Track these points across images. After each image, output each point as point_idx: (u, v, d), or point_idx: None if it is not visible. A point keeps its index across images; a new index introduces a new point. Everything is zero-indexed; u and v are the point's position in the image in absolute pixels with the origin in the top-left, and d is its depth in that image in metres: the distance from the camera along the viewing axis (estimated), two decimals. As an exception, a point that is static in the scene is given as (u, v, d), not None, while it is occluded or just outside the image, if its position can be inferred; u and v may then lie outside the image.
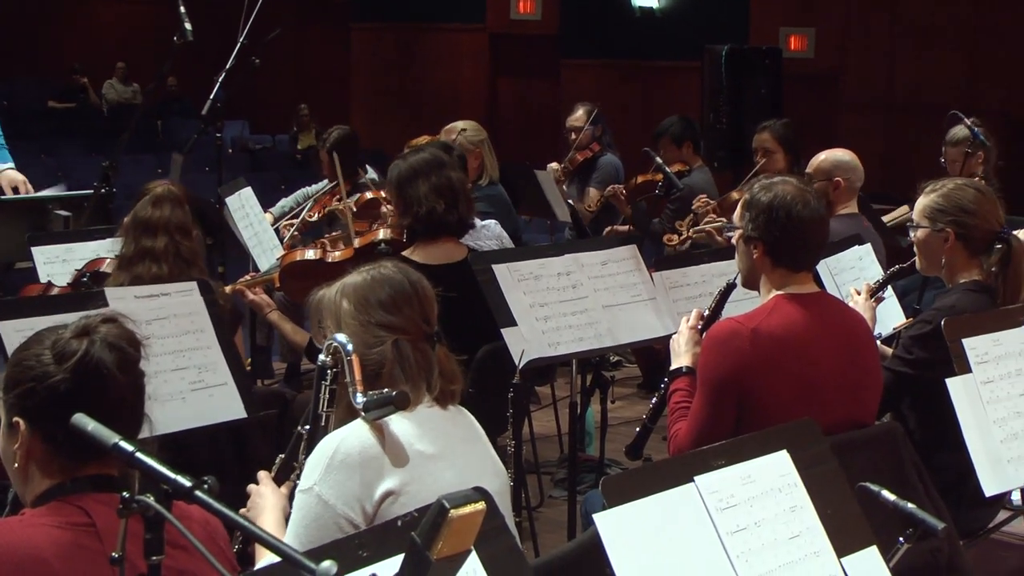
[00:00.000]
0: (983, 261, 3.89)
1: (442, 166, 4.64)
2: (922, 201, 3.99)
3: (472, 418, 2.93)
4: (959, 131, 6.74)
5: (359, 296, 2.82)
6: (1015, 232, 3.96)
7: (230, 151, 14.73)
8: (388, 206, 5.91)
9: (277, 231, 6.57)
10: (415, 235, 4.57)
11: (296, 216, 6.71)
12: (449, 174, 4.62)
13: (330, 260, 5.40)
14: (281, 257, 5.74)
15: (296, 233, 6.45)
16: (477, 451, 2.87)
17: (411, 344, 2.80)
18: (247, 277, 5.64)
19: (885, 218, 6.73)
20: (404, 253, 4.49)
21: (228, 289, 5.22)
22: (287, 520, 2.72)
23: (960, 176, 6.43)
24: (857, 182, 5.61)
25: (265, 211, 6.82)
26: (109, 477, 2.27)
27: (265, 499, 2.84)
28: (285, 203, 7.19)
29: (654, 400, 3.94)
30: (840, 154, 5.66)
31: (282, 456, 2.95)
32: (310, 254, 5.51)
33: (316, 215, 6.57)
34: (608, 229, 7.58)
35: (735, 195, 6.63)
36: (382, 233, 5.22)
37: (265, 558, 2.60)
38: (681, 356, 3.68)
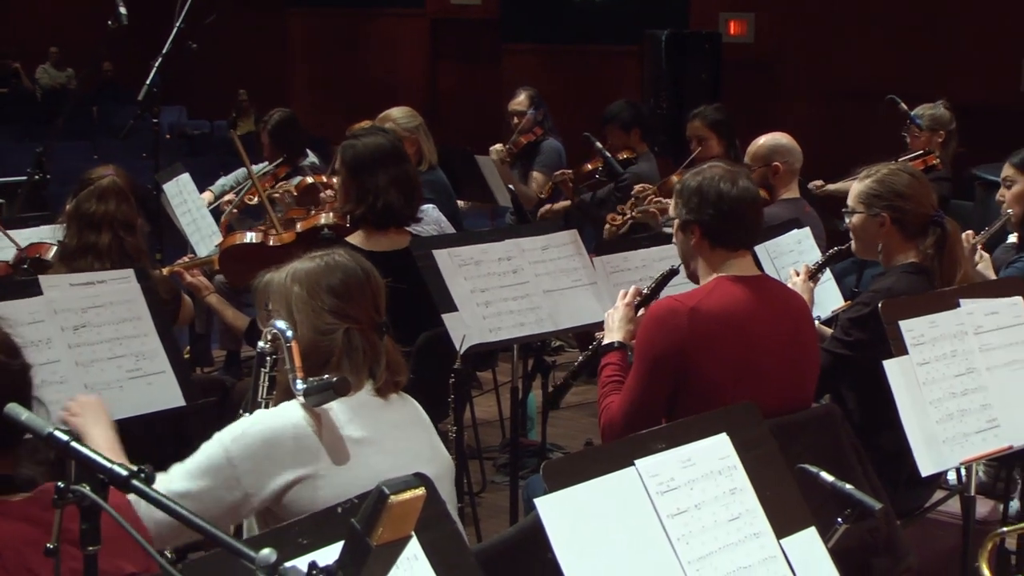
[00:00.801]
0: (919, 244, 3.94)
1: (401, 157, 4.62)
2: (857, 187, 4.02)
3: (415, 405, 2.93)
4: (925, 108, 6.83)
5: (311, 281, 2.80)
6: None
7: (167, 137, 14.56)
8: (328, 191, 5.88)
9: (217, 210, 6.51)
10: (361, 222, 4.54)
11: (238, 194, 6.67)
12: (407, 166, 4.62)
13: (271, 244, 5.36)
14: (221, 241, 5.70)
15: (235, 211, 6.40)
16: (414, 437, 2.86)
17: (361, 334, 2.79)
18: (185, 259, 5.58)
19: (832, 187, 6.83)
20: (348, 239, 4.47)
21: (166, 271, 5.18)
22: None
23: (920, 152, 6.53)
24: (796, 164, 5.64)
25: (204, 191, 6.77)
26: (7, 477, 2.22)
27: (89, 409, 2.87)
28: (225, 181, 7.14)
29: (580, 359, 3.98)
30: (777, 138, 5.68)
31: None
32: (251, 237, 5.47)
33: (255, 198, 6.52)
34: (544, 208, 7.59)
35: (675, 178, 6.66)
36: (324, 218, 5.19)
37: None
38: (614, 331, 3.70)
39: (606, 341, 3.71)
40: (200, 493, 2.62)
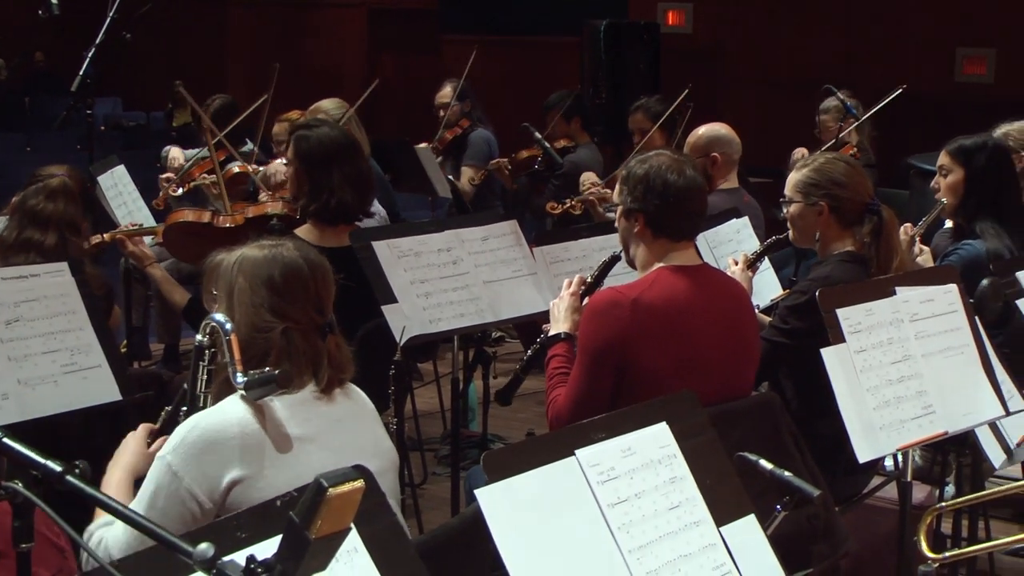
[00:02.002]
0: (856, 232, 3.97)
1: (355, 152, 4.58)
2: (794, 176, 4.05)
3: (361, 397, 2.88)
4: (830, 101, 6.91)
5: (254, 275, 2.73)
6: None
7: (102, 128, 14.38)
8: (280, 186, 5.82)
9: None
10: (312, 216, 4.50)
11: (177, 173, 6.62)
12: (361, 162, 4.59)
13: (219, 224, 5.29)
14: (168, 216, 5.62)
15: (175, 187, 6.35)
16: (357, 431, 2.82)
17: (300, 334, 2.73)
18: (127, 226, 5.49)
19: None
20: (298, 231, 4.42)
21: (107, 236, 5.11)
22: (136, 481, 2.69)
23: (833, 141, 6.60)
24: (735, 155, 5.68)
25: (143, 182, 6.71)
26: None
27: (121, 454, 2.82)
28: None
29: (528, 353, 3.98)
30: (715, 128, 5.71)
31: (167, 409, 2.92)
32: (199, 216, 5.40)
33: (198, 178, 6.47)
34: (497, 163, 7.55)
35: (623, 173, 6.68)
36: (273, 207, 5.15)
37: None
38: (560, 322, 3.70)
39: (552, 332, 3.71)
40: (161, 519, 2.53)
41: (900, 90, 6.63)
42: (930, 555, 3.15)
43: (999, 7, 11.33)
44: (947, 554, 3.16)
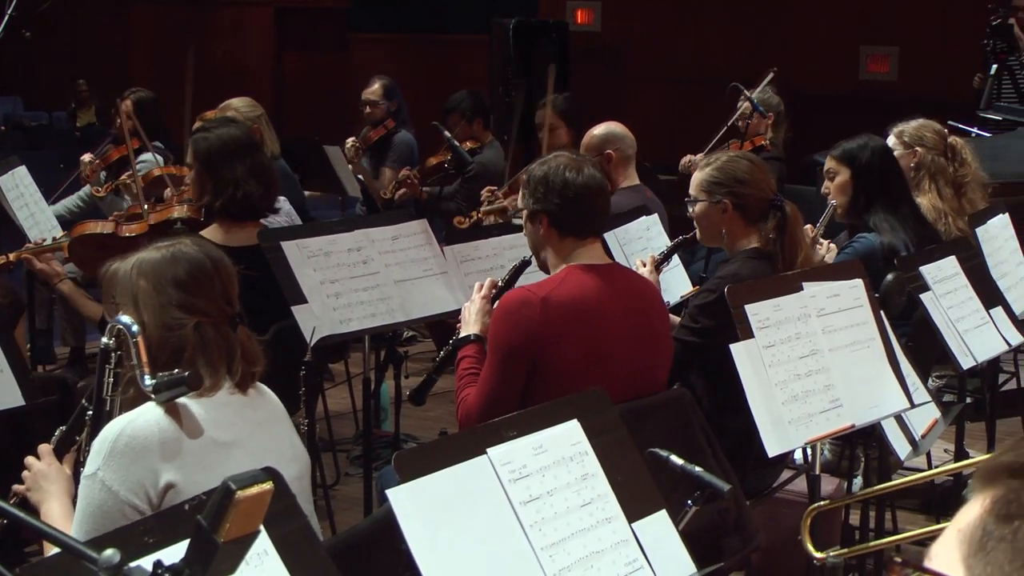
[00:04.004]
0: (761, 228, 4.02)
1: (256, 146, 4.56)
2: (697, 176, 4.09)
3: (274, 399, 2.85)
4: (769, 97, 7.01)
5: (157, 275, 2.69)
6: None
7: (2, 128, 14.12)
8: (170, 188, 5.77)
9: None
10: (217, 215, 4.45)
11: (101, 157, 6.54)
12: (262, 156, 4.55)
13: (123, 234, 5.25)
14: (71, 229, 5.55)
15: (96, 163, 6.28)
16: (276, 435, 2.79)
17: (212, 327, 2.70)
18: (32, 244, 5.41)
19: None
20: (203, 233, 4.37)
21: (13, 256, 5.03)
22: (75, 502, 2.62)
23: (747, 137, 6.68)
24: (629, 151, 5.72)
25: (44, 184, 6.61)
26: None
27: (50, 482, 2.72)
28: (68, 202, 6.98)
29: (441, 354, 3.97)
30: (611, 127, 5.76)
31: (62, 429, 2.84)
32: (102, 227, 5.37)
33: (104, 188, 6.39)
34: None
35: (524, 176, 6.71)
36: (177, 211, 5.10)
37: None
38: (471, 324, 3.70)
39: (463, 334, 3.72)
40: (102, 532, 2.43)
41: (771, 75, 6.91)
42: (815, 553, 3.18)
43: (902, 6, 11.55)
44: (831, 552, 3.19)
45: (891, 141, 5.30)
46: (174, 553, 1.77)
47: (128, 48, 16.67)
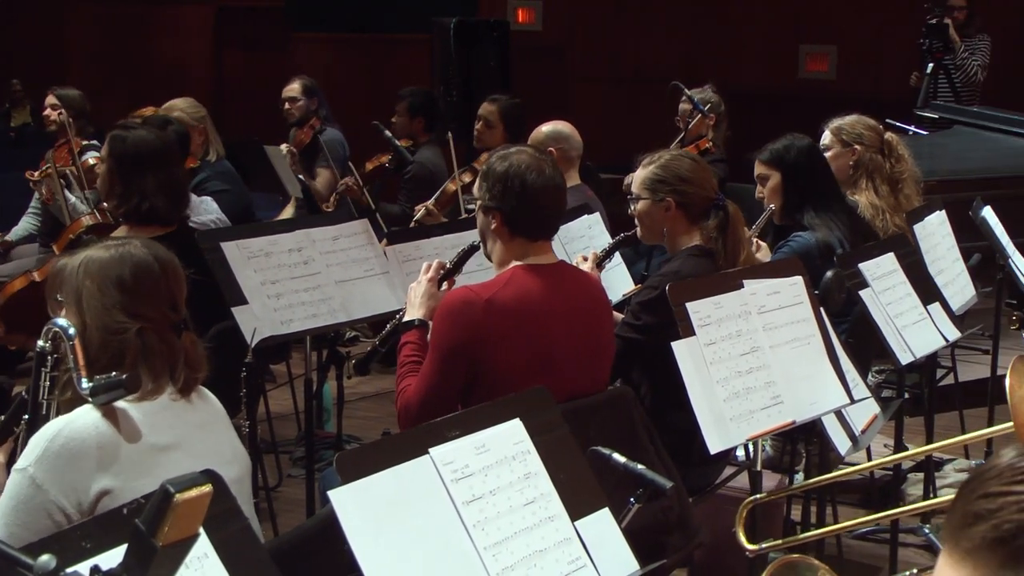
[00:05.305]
0: (702, 227, 4.04)
1: (171, 160, 4.49)
2: (640, 174, 4.10)
3: (215, 402, 2.82)
4: (710, 97, 7.05)
5: (103, 276, 2.64)
6: None
7: (-68, 130, 13.91)
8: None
9: None
10: (123, 219, 4.42)
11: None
12: (176, 169, 4.49)
13: (39, 279, 5.10)
14: None
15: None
16: (216, 437, 2.76)
17: (156, 333, 2.65)
18: None
19: None
20: (115, 235, 4.33)
21: None
22: None
23: (680, 137, 6.73)
24: (573, 151, 5.74)
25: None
26: None
27: None
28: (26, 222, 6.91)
29: (388, 327, 3.96)
30: (556, 125, 5.78)
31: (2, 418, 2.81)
32: (18, 284, 5.18)
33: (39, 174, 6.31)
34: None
35: (451, 187, 6.77)
36: (85, 221, 5.05)
37: None
38: (415, 307, 3.67)
39: (407, 317, 3.69)
40: (22, 533, 2.40)
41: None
42: (748, 546, 3.20)
43: (840, 5, 11.64)
44: (764, 544, 3.21)
45: (828, 138, 5.35)
46: (112, 558, 1.75)
47: (63, 47, 16.47)
